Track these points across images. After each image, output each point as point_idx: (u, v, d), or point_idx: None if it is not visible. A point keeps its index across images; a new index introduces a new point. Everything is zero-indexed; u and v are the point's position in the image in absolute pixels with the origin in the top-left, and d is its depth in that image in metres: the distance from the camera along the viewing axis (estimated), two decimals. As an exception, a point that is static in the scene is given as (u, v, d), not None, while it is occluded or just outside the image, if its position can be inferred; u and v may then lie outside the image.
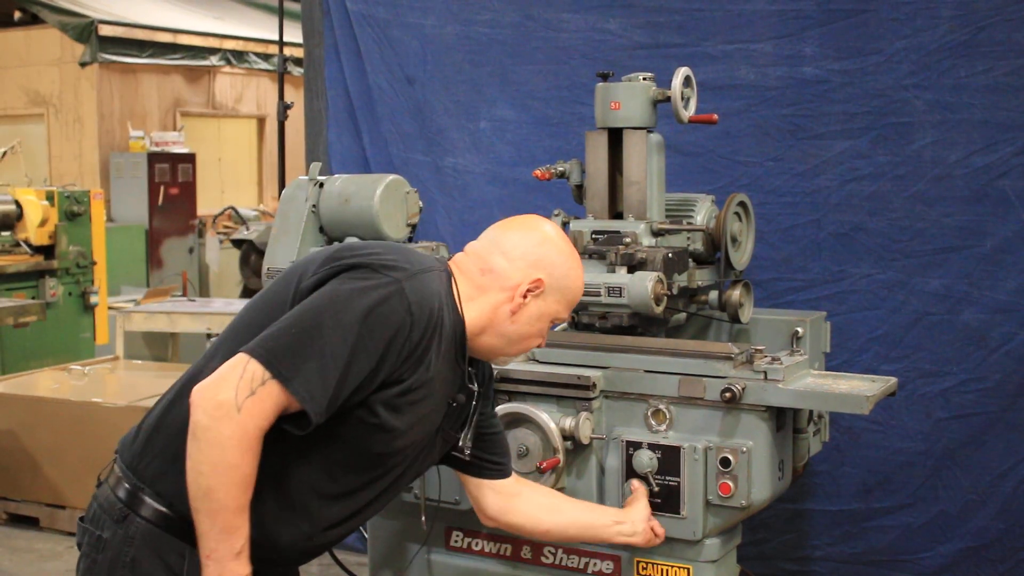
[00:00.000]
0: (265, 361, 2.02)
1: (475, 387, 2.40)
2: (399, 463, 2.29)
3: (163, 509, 2.15)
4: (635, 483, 2.79)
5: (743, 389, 2.72)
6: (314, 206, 3.32)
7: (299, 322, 2.07)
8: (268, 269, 3.33)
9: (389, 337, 2.09)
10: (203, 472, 2.00)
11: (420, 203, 3.37)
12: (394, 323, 2.10)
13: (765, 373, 2.76)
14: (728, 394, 2.71)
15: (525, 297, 2.32)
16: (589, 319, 3.18)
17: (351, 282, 2.12)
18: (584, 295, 3.06)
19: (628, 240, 3.15)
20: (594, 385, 2.86)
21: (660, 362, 2.87)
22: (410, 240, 3.36)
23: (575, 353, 2.98)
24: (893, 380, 2.88)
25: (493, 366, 2.57)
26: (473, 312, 2.31)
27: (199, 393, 2.03)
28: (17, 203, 7.45)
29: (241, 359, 2.04)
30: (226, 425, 1.99)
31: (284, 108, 5.10)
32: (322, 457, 2.18)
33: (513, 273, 2.33)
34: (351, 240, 2.29)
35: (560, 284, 2.37)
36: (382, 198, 3.23)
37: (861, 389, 2.74)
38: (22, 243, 7.50)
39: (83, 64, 11.10)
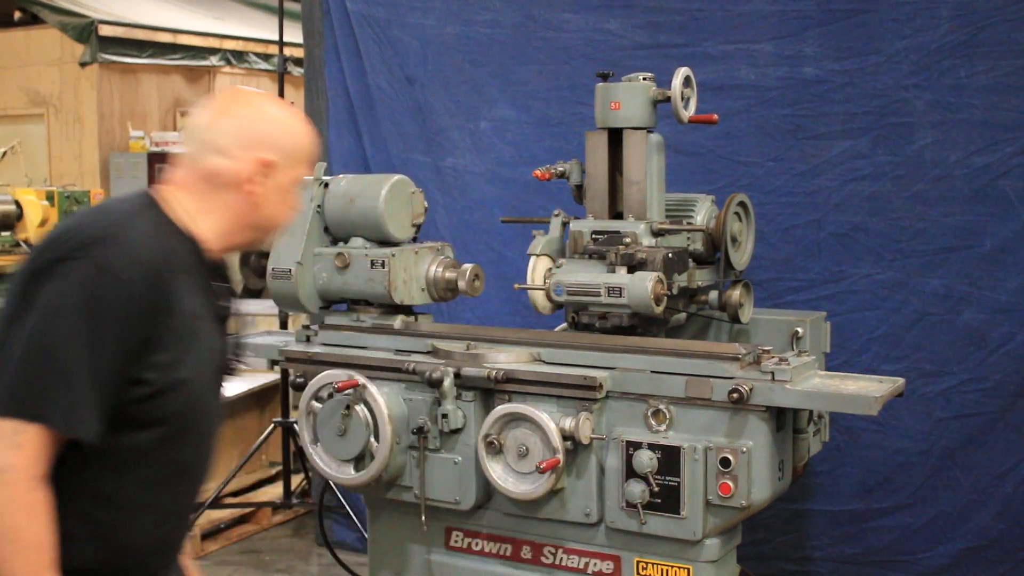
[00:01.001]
0: (10, 411, 1.87)
1: (224, 305, 2.23)
2: (206, 408, 2.17)
3: None
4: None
5: (750, 390, 2.71)
6: (319, 206, 3.32)
7: (26, 350, 1.90)
8: (273, 269, 3.32)
9: (119, 316, 1.93)
10: None
11: (425, 203, 3.37)
12: (115, 300, 1.93)
13: (772, 374, 2.75)
14: (735, 395, 2.71)
15: (259, 182, 2.13)
16: (589, 319, 3.18)
17: (52, 284, 1.94)
18: (584, 295, 3.08)
19: (628, 240, 3.15)
20: (600, 386, 2.86)
21: (667, 363, 2.87)
22: (414, 240, 3.36)
23: (580, 353, 2.98)
24: (900, 381, 2.87)
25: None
26: (212, 224, 2.13)
27: None
28: (17, 203, 7.45)
29: None
30: None
31: (284, 108, 5.10)
32: (134, 449, 2.03)
33: (234, 166, 2.11)
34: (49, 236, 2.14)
35: (287, 150, 2.17)
36: (387, 198, 3.23)
37: (869, 390, 2.73)
38: (22, 243, 7.50)
39: (83, 64, 11.08)
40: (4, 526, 1.86)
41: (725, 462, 2.75)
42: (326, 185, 3.33)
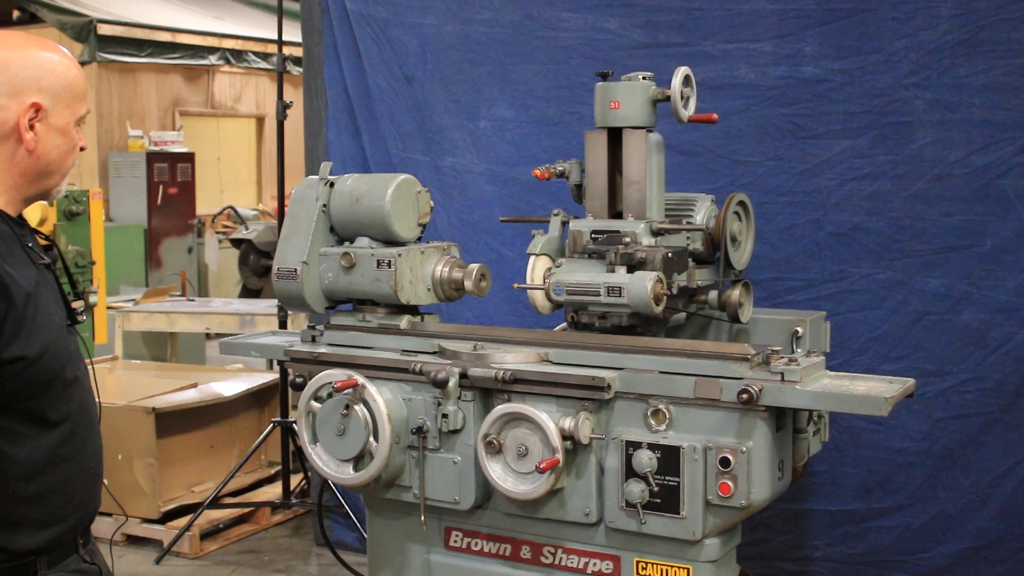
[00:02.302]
0: None
1: (46, 259, 2.18)
2: (74, 367, 2.16)
3: None
4: None
5: (760, 390, 2.70)
6: (325, 206, 3.31)
7: None
8: (279, 269, 3.31)
9: None
10: None
11: (431, 203, 3.36)
12: None
13: (782, 374, 2.75)
14: (745, 395, 2.70)
15: (33, 128, 2.07)
16: (588, 319, 3.18)
17: None
18: (583, 295, 3.07)
19: (628, 240, 3.14)
20: (609, 386, 2.85)
21: (675, 363, 2.86)
22: (420, 240, 3.35)
23: (588, 354, 2.97)
24: (911, 381, 2.86)
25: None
26: (0, 181, 2.08)
27: None
28: (16, 203, 7.44)
29: None
30: None
31: (283, 107, 5.10)
32: (19, 424, 2.04)
33: (4, 116, 2.04)
34: None
35: (55, 89, 2.09)
36: (393, 198, 3.22)
37: (879, 390, 2.72)
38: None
39: (82, 63, 11.07)
40: None
41: (725, 462, 2.74)
42: (332, 184, 3.32)
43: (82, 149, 2.20)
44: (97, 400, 2.27)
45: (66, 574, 2.11)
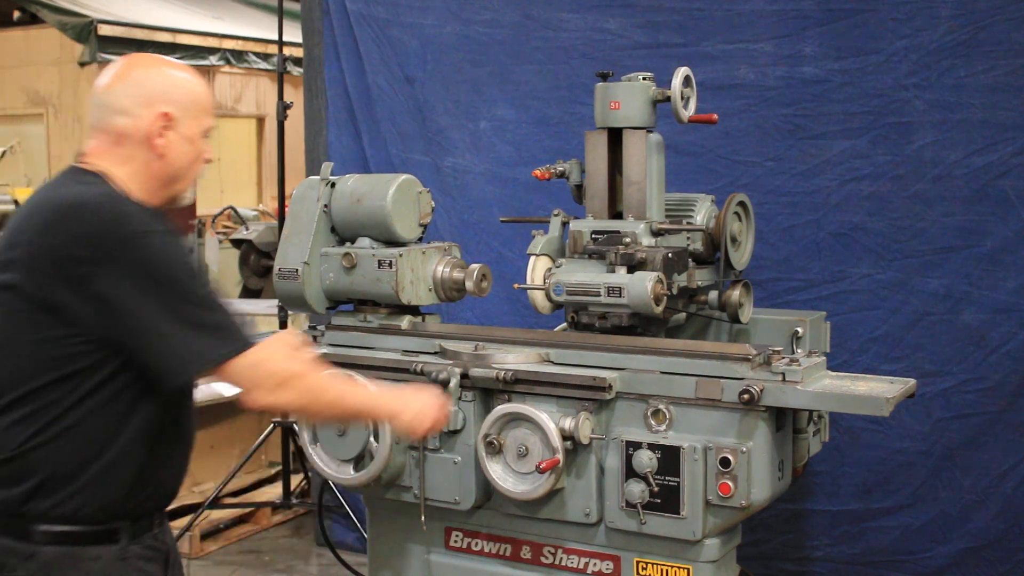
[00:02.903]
0: (246, 343, 2.21)
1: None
2: None
3: (69, 528, 2.19)
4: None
5: (761, 391, 2.71)
6: (326, 206, 3.31)
7: (194, 303, 2.19)
8: (280, 270, 3.31)
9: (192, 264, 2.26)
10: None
11: (432, 203, 3.36)
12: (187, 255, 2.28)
13: (783, 375, 2.75)
14: (746, 396, 2.70)
15: (163, 136, 2.27)
16: (589, 319, 3.18)
17: (142, 261, 2.16)
18: (584, 295, 3.07)
19: (628, 240, 3.15)
20: (610, 386, 2.85)
21: (676, 363, 2.86)
22: (421, 240, 3.35)
23: (588, 354, 2.97)
24: (912, 382, 2.86)
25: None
26: (137, 186, 2.27)
27: None
28: (16, 203, 7.46)
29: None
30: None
31: (284, 108, 5.11)
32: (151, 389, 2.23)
33: (139, 123, 2.26)
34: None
35: (184, 102, 2.31)
36: (395, 198, 3.22)
37: (880, 391, 2.73)
38: (21, 243, 7.49)
39: (82, 64, 11.07)
40: (328, 397, 2.34)
41: (725, 462, 2.74)
42: (333, 185, 3.32)
43: (207, 161, 2.39)
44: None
45: (141, 548, 2.26)
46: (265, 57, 12.78)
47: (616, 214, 3.39)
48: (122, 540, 2.23)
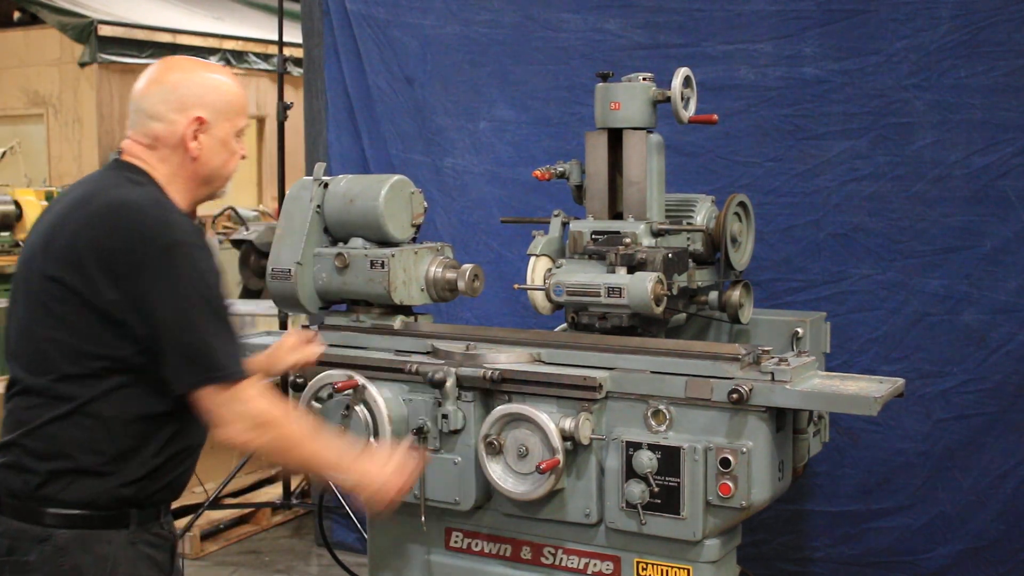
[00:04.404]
0: (238, 374, 2.27)
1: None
2: None
3: (82, 512, 2.24)
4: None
5: (750, 390, 2.71)
6: (319, 206, 3.32)
7: (204, 321, 2.24)
8: (273, 270, 3.32)
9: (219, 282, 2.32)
10: None
11: (424, 203, 3.37)
12: (216, 270, 2.31)
13: (772, 374, 2.75)
14: (735, 395, 2.70)
15: (197, 139, 2.34)
16: (589, 319, 3.18)
17: (179, 270, 2.23)
18: (584, 295, 3.07)
19: (628, 240, 3.14)
20: (600, 386, 2.85)
21: (667, 363, 2.86)
22: (414, 241, 3.36)
23: (580, 354, 2.97)
24: (900, 381, 2.87)
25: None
26: (174, 186, 2.36)
27: None
28: (16, 203, 7.46)
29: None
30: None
31: (284, 108, 5.11)
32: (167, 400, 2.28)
33: (173, 128, 2.33)
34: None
35: (217, 105, 2.37)
36: (387, 198, 3.23)
37: (869, 390, 2.73)
38: (21, 243, 7.49)
39: (83, 64, 11.08)
40: (298, 453, 2.37)
41: (725, 462, 2.74)
42: (326, 185, 3.33)
43: (243, 157, 2.46)
44: None
45: (149, 535, 2.32)
46: (265, 58, 12.79)
47: (616, 214, 3.39)
48: (132, 525, 2.28)
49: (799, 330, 3.34)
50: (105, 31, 11.06)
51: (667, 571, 2.87)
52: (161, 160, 2.35)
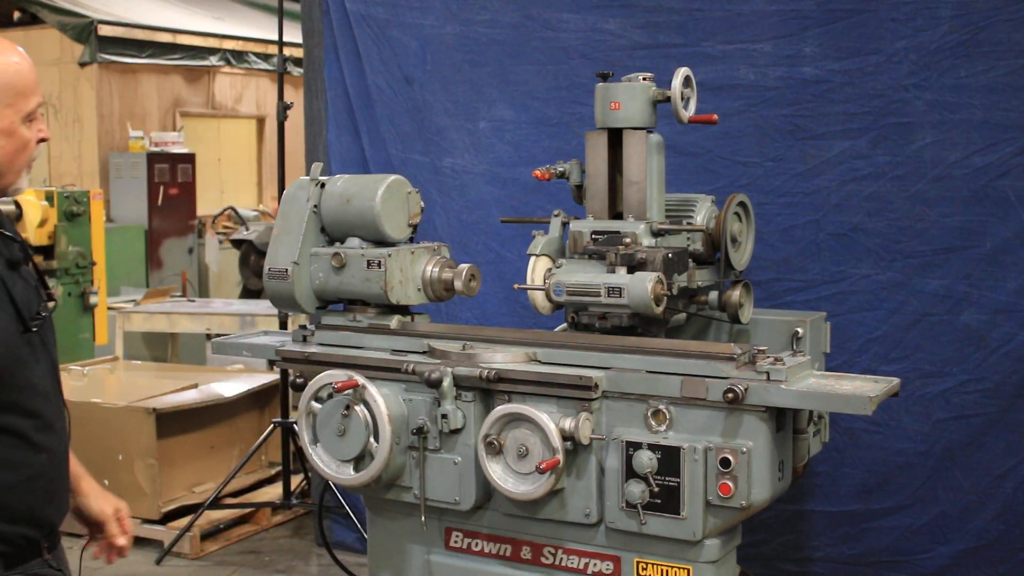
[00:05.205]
0: None
1: (19, 249, 2.21)
2: (28, 373, 2.18)
3: None
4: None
5: (746, 390, 2.71)
6: (316, 206, 3.32)
7: None
8: (270, 270, 3.32)
9: None
10: None
11: (421, 203, 3.37)
12: None
13: (768, 374, 2.75)
14: (731, 395, 2.70)
15: None
16: (589, 319, 3.18)
17: None
18: (584, 295, 3.07)
19: (628, 240, 3.14)
20: (596, 385, 2.85)
21: (662, 363, 2.86)
22: (411, 240, 3.36)
23: (576, 353, 2.97)
24: (896, 381, 2.87)
25: None
26: None
27: None
28: (16, 203, 7.45)
29: None
30: None
31: (284, 108, 5.11)
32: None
33: None
34: None
35: None
36: (384, 198, 3.23)
37: (864, 390, 2.73)
38: (21, 243, 7.48)
39: (82, 64, 11.09)
40: None
41: (725, 462, 2.74)
42: (323, 185, 3.33)
43: (43, 140, 2.16)
44: (65, 407, 2.29)
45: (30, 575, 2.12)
46: (265, 57, 12.80)
47: (616, 214, 3.39)
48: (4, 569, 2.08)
49: (799, 330, 3.34)
50: (105, 31, 11.07)
51: (667, 571, 2.87)
52: None
